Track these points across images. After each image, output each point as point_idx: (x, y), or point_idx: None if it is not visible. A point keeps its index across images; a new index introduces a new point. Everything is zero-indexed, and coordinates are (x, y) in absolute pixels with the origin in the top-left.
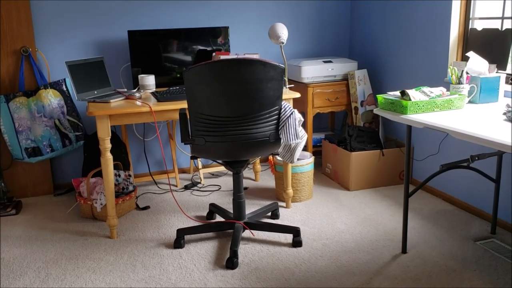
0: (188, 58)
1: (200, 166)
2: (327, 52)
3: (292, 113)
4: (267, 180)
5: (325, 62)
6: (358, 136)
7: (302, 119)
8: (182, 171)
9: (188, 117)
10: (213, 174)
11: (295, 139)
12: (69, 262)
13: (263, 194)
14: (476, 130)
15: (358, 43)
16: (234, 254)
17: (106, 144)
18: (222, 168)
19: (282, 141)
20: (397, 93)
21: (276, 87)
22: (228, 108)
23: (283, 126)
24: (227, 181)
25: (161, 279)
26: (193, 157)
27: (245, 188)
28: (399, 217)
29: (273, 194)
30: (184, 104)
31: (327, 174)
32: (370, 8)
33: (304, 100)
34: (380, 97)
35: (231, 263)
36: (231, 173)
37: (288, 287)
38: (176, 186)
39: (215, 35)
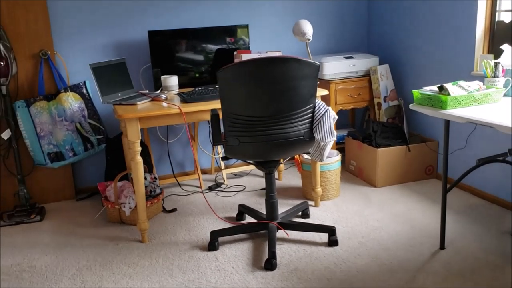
0: (208, 58)
1: (222, 167)
2: (345, 48)
3: (326, 110)
4: (290, 179)
5: (346, 58)
6: (382, 132)
7: (337, 117)
8: (203, 172)
9: (221, 117)
10: (235, 175)
11: (330, 137)
12: (103, 268)
13: (289, 194)
14: None
15: (376, 38)
16: (272, 255)
17: (136, 147)
18: (244, 168)
19: (316, 139)
20: (434, 88)
21: (311, 84)
22: (263, 107)
23: (318, 124)
24: (250, 181)
25: (200, 282)
26: (224, 158)
27: None
28: (431, 213)
29: (299, 193)
30: (213, 105)
31: (351, 171)
32: (389, 2)
33: (326, 97)
34: (416, 92)
35: (270, 264)
36: (253, 173)
37: (332, 287)
38: (200, 187)
39: (234, 34)
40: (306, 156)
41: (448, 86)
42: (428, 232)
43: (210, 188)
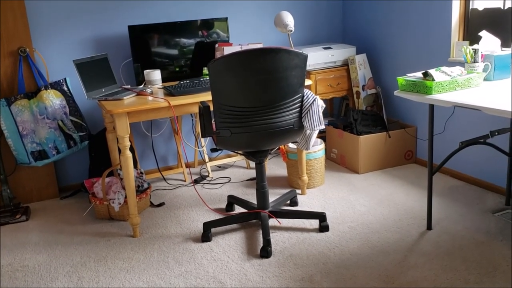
0: (188, 51)
1: (207, 159)
2: (320, 39)
3: (314, 99)
4: (274, 169)
5: (325, 48)
6: (362, 120)
7: (324, 105)
8: (186, 165)
9: (212, 109)
10: (219, 167)
11: (319, 125)
12: (98, 264)
13: (275, 183)
14: (504, 106)
15: (352, 28)
16: (267, 243)
17: (126, 142)
18: (228, 160)
19: (305, 128)
20: (418, 74)
21: (300, 74)
22: (255, 98)
23: (307, 113)
24: (235, 173)
25: (198, 273)
26: (213, 150)
27: (254, 179)
28: (414, 196)
29: (284, 182)
30: (200, 97)
31: (333, 159)
32: None
33: (307, 87)
34: (400, 79)
35: (266, 252)
36: (237, 164)
37: (328, 271)
38: (184, 180)
39: (215, 27)
40: (291, 145)
41: (432, 72)
42: (413, 214)
43: (196, 181)
